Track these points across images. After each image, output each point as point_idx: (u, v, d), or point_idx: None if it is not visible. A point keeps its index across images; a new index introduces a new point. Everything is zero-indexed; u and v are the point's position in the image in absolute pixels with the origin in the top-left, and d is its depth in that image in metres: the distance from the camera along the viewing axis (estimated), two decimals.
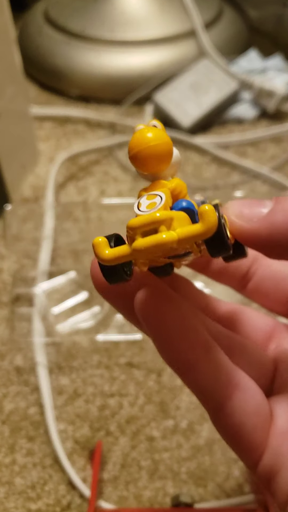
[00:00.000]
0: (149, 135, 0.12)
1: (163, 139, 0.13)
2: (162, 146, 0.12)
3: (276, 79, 0.49)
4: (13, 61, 0.39)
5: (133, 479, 0.26)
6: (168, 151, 0.13)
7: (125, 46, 0.51)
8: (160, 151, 0.12)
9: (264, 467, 0.13)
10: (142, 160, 0.13)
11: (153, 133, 0.13)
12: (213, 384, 0.13)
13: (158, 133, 0.13)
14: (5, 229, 0.37)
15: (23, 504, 0.25)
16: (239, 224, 0.13)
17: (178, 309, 0.13)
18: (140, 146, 0.12)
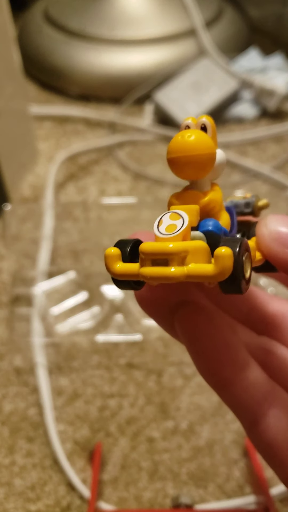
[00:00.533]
0: (192, 140, 0.11)
1: (206, 148, 0.12)
2: (204, 156, 0.12)
3: (276, 78, 0.49)
4: (13, 60, 0.39)
5: (133, 480, 0.26)
6: (210, 160, 0.12)
7: (125, 45, 0.51)
8: (201, 161, 0.12)
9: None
10: (179, 167, 0.12)
11: (197, 139, 0.11)
12: (249, 401, 0.13)
13: (202, 140, 0.12)
14: (5, 229, 0.37)
15: (22, 505, 0.25)
16: (274, 250, 0.12)
17: (217, 328, 0.13)
18: (180, 153, 0.11)
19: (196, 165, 0.12)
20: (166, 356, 0.31)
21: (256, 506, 0.24)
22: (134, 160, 0.45)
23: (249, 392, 0.13)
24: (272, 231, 0.12)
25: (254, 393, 0.13)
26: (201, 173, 0.12)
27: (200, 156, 0.12)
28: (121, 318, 0.32)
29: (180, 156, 0.12)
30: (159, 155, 0.46)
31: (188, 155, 0.11)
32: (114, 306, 0.32)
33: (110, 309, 0.32)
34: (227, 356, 0.13)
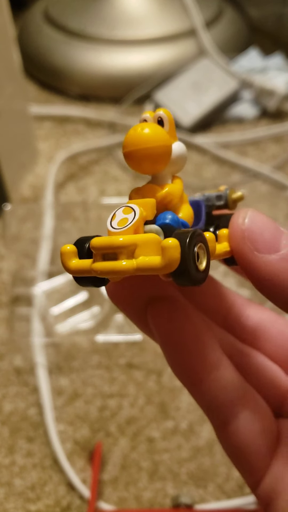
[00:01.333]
0: (145, 133, 0.11)
1: (160, 141, 0.11)
2: (158, 149, 0.11)
3: (276, 78, 0.49)
4: (13, 60, 0.39)
5: (133, 480, 0.26)
6: (164, 153, 0.12)
7: (125, 45, 0.51)
8: (155, 154, 0.11)
9: (264, 490, 0.13)
10: (134, 161, 0.12)
11: (151, 132, 0.11)
12: (219, 401, 0.13)
13: (156, 133, 0.11)
14: (5, 229, 0.37)
15: (22, 505, 0.25)
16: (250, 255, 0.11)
17: (191, 324, 0.12)
18: (133, 146, 0.11)
19: (150, 158, 0.11)
20: None
21: (256, 506, 0.24)
22: None
23: (221, 391, 0.13)
24: (252, 236, 0.11)
25: (225, 393, 0.13)
26: (157, 166, 0.12)
27: (154, 149, 0.11)
28: (121, 318, 0.32)
29: (134, 150, 0.11)
30: None
31: (142, 148, 0.11)
32: (114, 306, 0.32)
33: (110, 309, 0.32)
34: (199, 353, 0.12)
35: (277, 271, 0.11)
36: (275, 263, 0.11)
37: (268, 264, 0.11)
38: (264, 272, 0.11)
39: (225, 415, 0.13)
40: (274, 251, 0.11)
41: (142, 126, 0.12)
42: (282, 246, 0.11)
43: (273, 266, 0.11)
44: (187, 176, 0.44)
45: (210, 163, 0.45)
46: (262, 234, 0.11)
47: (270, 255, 0.11)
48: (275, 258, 0.11)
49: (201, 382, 0.13)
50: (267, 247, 0.11)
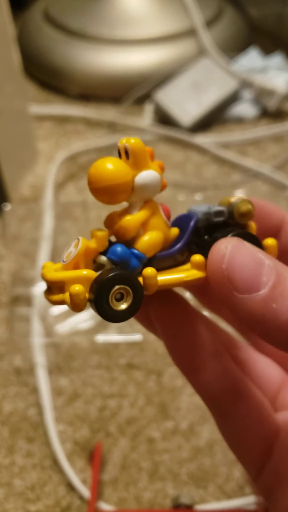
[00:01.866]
0: (103, 171, 0.12)
1: (116, 178, 0.12)
2: (114, 186, 0.12)
3: (276, 78, 0.49)
4: (12, 60, 0.39)
5: (133, 480, 0.26)
6: (121, 189, 0.12)
7: (125, 44, 0.51)
8: (112, 190, 0.12)
9: (264, 481, 0.13)
10: (96, 196, 0.12)
11: (108, 170, 0.12)
12: (219, 389, 0.13)
13: (113, 170, 0.12)
14: (4, 229, 0.37)
15: (22, 505, 0.25)
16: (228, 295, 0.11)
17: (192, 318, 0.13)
18: (92, 184, 0.12)
19: (108, 193, 0.12)
20: (166, 356, 0.31)
21: (256, 506, 0.24)
22: None
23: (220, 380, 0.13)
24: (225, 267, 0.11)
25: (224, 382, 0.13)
26: (117, 199, 0.13)
27: (111, 186, 0.12)
28: None
29: (93, 188, 0.12)
30: (159, 155, 0.46)
31: (100, 186, 0.12)
32: None
33: None
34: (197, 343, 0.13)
35: (256, 312, 0.10)
36: (254, 304, 0.10)
37: (247, 305, 0.11)
38: (242, 312, 0.11)
39: (224, 405, 0.13)
40: (254, 290, 0.10)
41: (102, 163, 0.12)
42: (262, 284, 0.10)
43: (252, 307, 0.10)
44: (187, 176, 0.44)
45: (210, 163, 0.45)
46: (242, 273, 0.11)
47: (249, 295, 0.10)
48: (254, 299, 0.10)
49: (199, 371, 0.13)
50: (247, 287, 0.11)
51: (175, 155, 0.46)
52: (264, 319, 0.10)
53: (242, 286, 0.11)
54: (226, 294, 0.11)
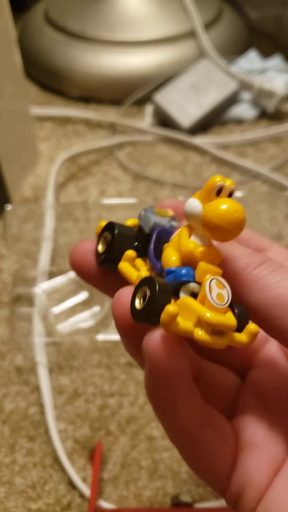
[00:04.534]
0: (243, 217, 0.12)
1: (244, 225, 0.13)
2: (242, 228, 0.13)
3: (276, 79, 0.50)
4: (13, 62, 0.39)
5: (133, 478, 0.26)
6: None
7: (125, 46, 0.51)
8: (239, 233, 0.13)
9: (232, 491, 0.14)
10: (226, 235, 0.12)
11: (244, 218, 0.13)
12: (190, 422, 0.13)
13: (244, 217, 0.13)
14: (6, 229, 0.38)
15: (23, 503, 0.25)
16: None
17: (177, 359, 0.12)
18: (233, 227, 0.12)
19: (241, 228, 0.13)
20: None
21: None
22: (134, 161, 0.45)
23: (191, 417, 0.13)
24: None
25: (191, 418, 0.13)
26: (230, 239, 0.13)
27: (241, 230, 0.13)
28: None
29: (231, 229, 0.12)
30: (159, 156, 0.46)
31: (238, 231, 0.12)
32: None
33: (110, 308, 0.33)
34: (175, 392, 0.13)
35: None
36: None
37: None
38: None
39: (190, 436, 0.13)
40: None
41: (240, 209, 0.12)
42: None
43: None
44: (187, 177, 0.44)
45: (209, 164, 0.46)
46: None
47: None
48: None
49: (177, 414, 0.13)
50: None
51: (174, 156, 0.46)
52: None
53: None
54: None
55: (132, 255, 0.14)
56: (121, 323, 0.13)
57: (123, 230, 0.14)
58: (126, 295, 0.13)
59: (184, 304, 0.12)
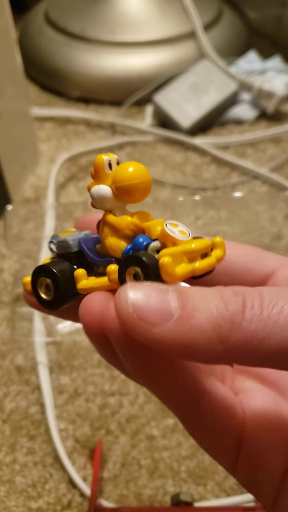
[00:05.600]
0: (145, 169, 0.13)
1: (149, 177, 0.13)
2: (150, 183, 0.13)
3: (275, 80, 0.50)
4: (14, 62, 0.39)
5: (133, 477, 0.26)
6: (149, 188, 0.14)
7: (125, 47, 0.51)
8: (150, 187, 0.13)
9: (241, 471, 0.13)
10: (141, 191, 0.13)
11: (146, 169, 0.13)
12: (181, 392, 0.13)
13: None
14: (6, 229, 0.38)
15: (23, 502, 0.25)
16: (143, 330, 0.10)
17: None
18: (142, 178, 0.13)
19: (148, 191, 0.13)
20: None
21: (255, 503, 0.25)
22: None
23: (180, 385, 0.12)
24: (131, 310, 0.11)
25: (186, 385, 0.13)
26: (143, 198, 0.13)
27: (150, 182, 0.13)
28: None
29: (142, 181, 0.13)
30: (159, 156, 0.46)
31: (148, 180, 0.13)
32: None
33: None
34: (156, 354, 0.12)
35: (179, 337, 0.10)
36: (174, 330, 0.10)
37: (168, 336, 0.10)
38: (168, 345, 0.11)
39: (188, 406, 0.13)
40: (168, 318, 0.11)
41: (135, 164, 0.13)
42: (172, 308, 0.11)
43: (173, 335, 0.10)
44: (187, 177, 0.44)
45: (209, 164, 0.46)
46: (148, 307, 0.11)
47: (166, 324, 0.10)
48: (172, 326, 0.10)
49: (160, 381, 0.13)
50: (160, 317, 0.11)
51: (174, 156, 0.46)
52: (190, 341, 0.10)
53: (154, 320, 0.11)
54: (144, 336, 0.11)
55: (83, 273, 0.13)
56: (92, 330, 0.12)
57: (55, 265, 0.13)
58: (95, 302, 0.12)
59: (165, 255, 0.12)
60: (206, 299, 0.11)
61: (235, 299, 0.11)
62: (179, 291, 0.11)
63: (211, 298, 0.11)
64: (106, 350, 0.13)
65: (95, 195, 0.13)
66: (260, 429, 0.13)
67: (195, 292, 0.11)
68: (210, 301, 0.11)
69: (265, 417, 0.13)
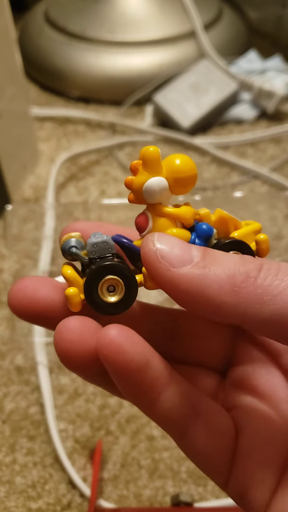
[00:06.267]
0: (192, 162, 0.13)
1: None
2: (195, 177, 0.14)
3: (275, 79, 0.50)
4: (14, 62, 0.39)
5: (133, 478, 0.26)
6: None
7: (125, 47, 0.51)
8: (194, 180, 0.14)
9: (233, 486, 0.13)
10: (189, 184, 0.13)
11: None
12: (176, 414, 0.13)
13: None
14: (6, 229, 0.38)
15: (23, 503, 0.25)
16: (164, 267, 0.11)
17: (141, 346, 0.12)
18: (192, 171, 0.13)
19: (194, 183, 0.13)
20: None
21: None
22: None
23: (175, 405, 0.13)
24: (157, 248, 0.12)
25: (180, 406, 0.13)
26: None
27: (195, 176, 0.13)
28: None
29: (192, 174, 0.13)
30: None
31: (195, 173, 0.13)
32: None
33: None
34: (145, 378, 0.12)
35: (194, 280, 0.11)
36: (190, 272, 0.11)
37: (185, 276, 0.11)
38: (183, 285, 0.11)
39: (181, 428, 0.13)
40: (188, 262, 0.11)
41: (185, 156, 0.13)
42: (194, 256, 0.12)
43: (189, 276, 0.11)
44: None
45: (209, 164, 0.46)
46: (173, 250, 0.12)
47: (185, 267, 0.11)
48: (190, 269, 0.11)
49: (154, 404, 0.13)
50: (181, 261, 0.11)
51: None
52: (204, 285, 0.11)
53: (175, 260, 0.11)
54: (164, 273, 0.11)
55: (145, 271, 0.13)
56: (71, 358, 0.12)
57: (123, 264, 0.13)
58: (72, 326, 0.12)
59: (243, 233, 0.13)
60: (227, 256, 0.12)
61: (254, 261, 0.12)
62: (203, 248, 0.12)
63: (231, 256, 0.12)
64: (88, 374, 0.13)
65: (155, 187, 0.13)
66: (254, 446, 0.13)
67: (217, 251, 0.12)
68: (230, 258, 0.12)
69: (258, 434, 0.14)
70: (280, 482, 0.13)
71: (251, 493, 0.13)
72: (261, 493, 0.13)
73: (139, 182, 0.13)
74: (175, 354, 0.15)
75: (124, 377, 0.12)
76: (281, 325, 0.11)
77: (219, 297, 0.11)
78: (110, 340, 0.11)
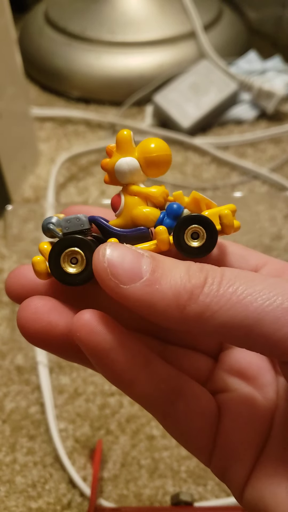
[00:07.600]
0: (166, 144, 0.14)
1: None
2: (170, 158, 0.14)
3: (275, 80, 0.50)
4: (14, 62, 0.39)
5: (133, 477, 0.26)
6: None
7: (125, 47, 0.51)
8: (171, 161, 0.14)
9: (216, 463, 0.14)
10: (162, 165, 0.14)
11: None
12: (156, 394, 0.13)
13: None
14: (6, 229, 0.38)
15: (24, 502, 0.25)
16: (114, 285, 0.12)
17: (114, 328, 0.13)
18: (163, 151, 0.13)
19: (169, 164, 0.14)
20: None
21: None
22: None
23: (155, 386, 0.13)
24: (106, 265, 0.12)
25: (160, 386, 0.13)
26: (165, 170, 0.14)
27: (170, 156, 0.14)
28: None
29: (164, 154, 0.14)
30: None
31: (169, 153, 0.14)
32: None
33: None
34: (124, 358, 0.12)
35: (143, 297, 0.11)
36: (139, 290, 0.11)
37: (133, 294, 0.11)
38: (132, 301, 0.12)
39: (163, 406, 0.13)
40: (138, 278, 0.12)
41: (158, 139, 0.14)
42: (143, 272, 0.12)
43: (138, 294, 0.11)
44: (187, 177, 0.44)
45: (209, 164, 0.46)
46: (123, 265, 0.12)
47: (134, 284, 0.11)
48: (138, 286, 0.11)
49: (133, 383, 0.13)
50: (130, 277, 0.12)
51: (174, 157, 0.46)
52: (152, 302, 0.11)
53: (124, 276, 0.12)
54: (114, 290, 0.12)
55: (116, 241, 0.13)
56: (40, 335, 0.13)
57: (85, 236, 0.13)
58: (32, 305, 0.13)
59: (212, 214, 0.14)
60: (175, 269, 0.12)
61: (199, 274, 0.12)
62: (153, 257, 0.12)
63: (179, 269, 0.12)
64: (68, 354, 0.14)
65: (125, 166, 0.13)
66: (235, 427, 0.14)
67: (167, 261, 0.12)
68: (178, 271, 0.12)
69: (240, 415, 0.14)
70: (258, 461, 0.13)
71: (232, 470, 0.14)
72: (241, 470, 0.13)
73: (111, 163, 0.14)
74: (169, 337, 0.16)
75: (99, 358, 0.12)
76: (223, 334, 0.12)
77: (166, 313, 0.11)
78: (84, 322, 0.12)
